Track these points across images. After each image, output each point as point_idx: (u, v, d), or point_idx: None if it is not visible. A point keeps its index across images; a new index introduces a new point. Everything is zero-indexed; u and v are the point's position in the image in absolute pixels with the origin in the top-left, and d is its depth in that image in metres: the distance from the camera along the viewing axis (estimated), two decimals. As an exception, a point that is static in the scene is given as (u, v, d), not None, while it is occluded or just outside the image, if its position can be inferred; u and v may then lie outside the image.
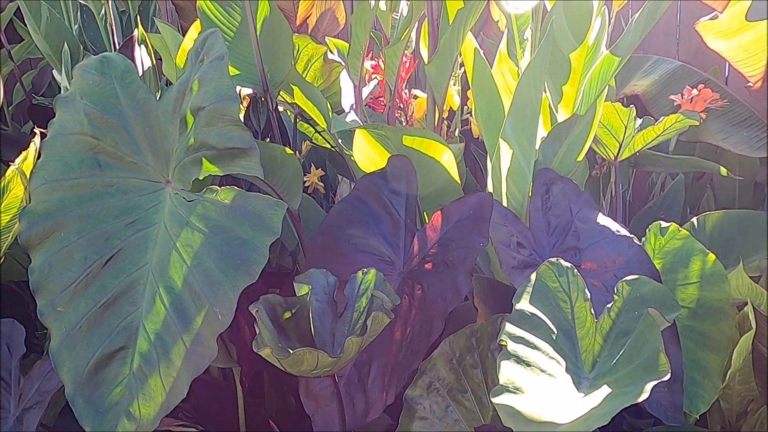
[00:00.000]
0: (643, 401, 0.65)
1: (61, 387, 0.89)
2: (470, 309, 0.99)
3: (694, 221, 1.11)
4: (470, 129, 1.30)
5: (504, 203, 1.01)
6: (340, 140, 1.10)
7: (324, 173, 1.32)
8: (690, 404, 0.92)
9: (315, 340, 0.80)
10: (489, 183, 1.04)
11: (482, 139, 1.10)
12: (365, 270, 0.82)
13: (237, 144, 0.86)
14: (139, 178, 0.92)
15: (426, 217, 1.06)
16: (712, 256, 0.95)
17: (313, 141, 1.31)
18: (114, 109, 0.93)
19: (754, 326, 0.89)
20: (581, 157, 1.06)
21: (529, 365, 0.72)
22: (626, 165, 1.36)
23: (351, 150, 1.05)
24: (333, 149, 1.28)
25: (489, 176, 1.04)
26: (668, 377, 0.68)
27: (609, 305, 0.79)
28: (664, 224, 0.97)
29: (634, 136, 1.13)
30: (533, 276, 0.80)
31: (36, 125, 1.56)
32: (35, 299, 0.88)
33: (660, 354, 0.70)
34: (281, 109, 1.26)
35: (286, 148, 1.06)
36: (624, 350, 0.75)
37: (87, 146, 0.93)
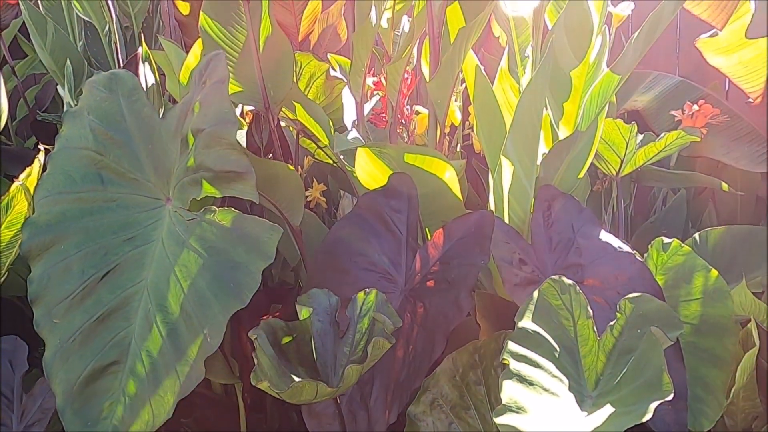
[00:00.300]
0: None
1: (63, 404, 0.89)
2: (472, 325, 0.99)
3: (696, 237, 1.11)
4: (472, 144, 1.31)
5: (506, 220, 1.02)
6: (342, 157, 1.10)
7: (326, 188, 1.32)
8: (694, 421, 0.91)
9: (317, 363, 0.80)
10: (491, 199, 1.04)
11: (484, 154, 1.10)
12: (367, 291, 0.82)
13: (234, 167, 0.87)
14: (140, 195, 0.93)
15: (428, 234, 1.06)
16: (715, 272, 0.95)
17: (315, 156, 1.32)
18: (119, 126, 0.95)
19: (758, 343, 0.88)
20: (582, 174, 1.06)
21: (532, 384, 0.72)
22: (628, 180, 1.36)
23: (353, 166, 1.05)
24: (335, 165, 1.28)
25: (491, 193, 1.04)
26: (671, 397, 0.68)
27: (612, 323, 0.79)
28: (667, 240, 0.97)
29: (636, 152, 1.13)
30: (536, 293, 0.80)
31: (39, 140, 1.57)
32: (32, 310, 0.88)
33: (663, 373, 0.70)
34: (283, 125, 1.27)
35: (288, 165, 1.06)
36: (627, 369, 0.75)
37: (91, 161, 0.94)
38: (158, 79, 1.22)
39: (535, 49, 1.01)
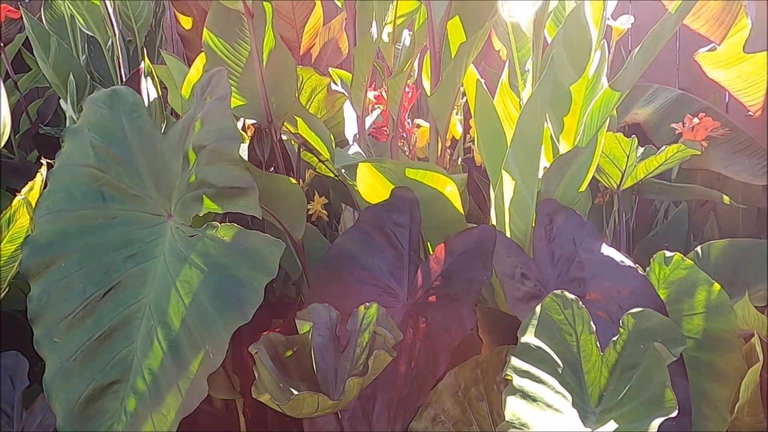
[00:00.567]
0: (652, 437, 0.65)
1: (63, 421, 0.89)
2: (474, 339, 0.99)
3: (699, 250, 1.11)
4: (473, 157, 1.31)
5: (507, 234, 1.02)
6: (344, 170, 1.11)
7: (327, 201, 1.32)
8: (698, 437, 0.91)
9: (317, 377, 0.80)
10: (492, 213, 1.04)
11: (485, 167, 1.10)
12: (367, 305, 0.82)
13: (236, 183, 0.87)
14: (142, 211, 0.93)
15: (430, 249, 1.06)
16: (718, 286, 0.95)
17: (317, 170, 1.32)
18: (120, 143, 0.94)
19: (761, 357, 0.88)
20: (584, 188, 1.06)
21: (535, 400, 0.71)
22: (629, 193, 1.36)
23: (354, 180, 1.06)
24: (336, 178, 1.28)
25: (492, 207, 1.04)
26: (675, 413, 0.67)
27: (615, 338, 0.79)
28: (669, 254, 0.97)
29: (637, 166, 1.13)
30: (538, 308, 0.80)
31: (41, 154, 1.58)
32: (32, 329, 0.88)
33: (667, 389, 0.70)
34: (285, 138, 1.27)
35: (291, 179, 1.06)
36: (631, 384, 0.74)
37: (92, 178, 0.94)
38: (160, 93, 1.23)
39: (535, 64, 1.01)
